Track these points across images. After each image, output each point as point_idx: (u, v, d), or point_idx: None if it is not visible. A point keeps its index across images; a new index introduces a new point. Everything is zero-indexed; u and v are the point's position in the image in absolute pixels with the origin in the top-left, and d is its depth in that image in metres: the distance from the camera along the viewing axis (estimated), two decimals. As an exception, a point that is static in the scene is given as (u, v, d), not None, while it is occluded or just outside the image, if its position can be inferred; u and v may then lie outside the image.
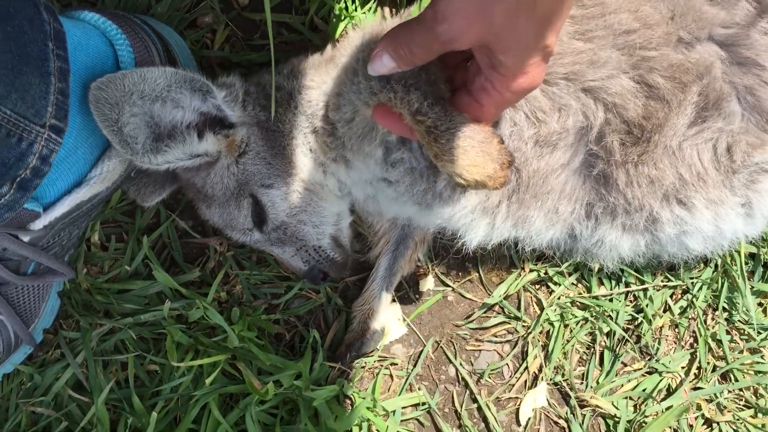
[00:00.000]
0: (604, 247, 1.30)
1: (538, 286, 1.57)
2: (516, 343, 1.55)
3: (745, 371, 1.53)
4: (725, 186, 1.21)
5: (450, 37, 0.87)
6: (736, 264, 1.53)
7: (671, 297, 1.57)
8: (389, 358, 1.53)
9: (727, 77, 1.17)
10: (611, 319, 1.53)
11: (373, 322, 1.49)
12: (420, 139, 1.06)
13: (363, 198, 1.36)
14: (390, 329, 1.52)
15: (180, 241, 1.53)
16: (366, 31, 1.25)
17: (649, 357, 1.54)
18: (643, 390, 1.51)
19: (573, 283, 1.57)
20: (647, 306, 1.54)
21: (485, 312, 1.56)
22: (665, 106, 1.15)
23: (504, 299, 1.55)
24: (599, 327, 1.53)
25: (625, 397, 1.50)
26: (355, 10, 1.53)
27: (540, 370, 1.52)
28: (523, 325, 1.55)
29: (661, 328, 1.56)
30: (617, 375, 1.53)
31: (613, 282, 1.57)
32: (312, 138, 1.27)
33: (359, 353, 1.49)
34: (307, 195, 1.30)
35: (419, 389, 1.51)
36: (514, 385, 1.52)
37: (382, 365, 1.52)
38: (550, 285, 1.57)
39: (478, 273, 1.58)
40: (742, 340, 1.56)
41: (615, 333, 1.52)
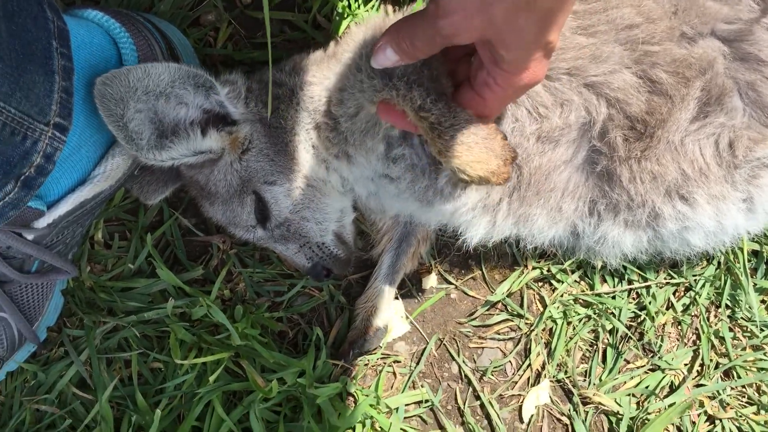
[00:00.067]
0: (606, 244, 1.30)
1: (540, 283, 1.57)
2: (519, 341, 1.55)
3: (748, 368, 1.53)
4: (727, 181, 1.21)
5: (451, 32, 0.87)
6: (738, 261, 1.53)
7: (674, 294, 1.57)
8: (392, 355, 1.53)
9: (730, 73, 1.17)
10: (614, 317, 1.53)
11: (376, 319, 1.49)
12: (424, 135, 1.06)
13: (365, 195, 1.36)
14: (393, 327, 1.52)
15: (183, 239, 1.53)
16: (369, 27, 1.25)
17: (652, 354, 1.54)
18: (646, 387, 1.51)
19: (576, 281, 1.57)
20: (650, 303, 1.54)
21: (488, 309, 1.56)
22: (668, 101, 1.15)
23: (507, 297, 1.55)
24: (602, 324, 1.53)
25: (628, 394, 1.50)
26: (358, 7, 1.53)
27: (543, 367, 1.52)
28: (526, 323, 1.55)
29: (664, 325, 1.56)
30: (620, 372, 1.53)
31: (616, 279, 1.57)
32: (314, 134, 1.27)
33: (362, 351, 1.49)
34: (310, 191, 1.30)
35: (422, 386, 1.51)
36: (517, 383, 1.52)
37: (385, 363, 1.52)
38: (552, 282, 1.57)
39: (480, 271, 1.58)
40: (744, 337, 1.56)
41: (618, 330, 1.52)
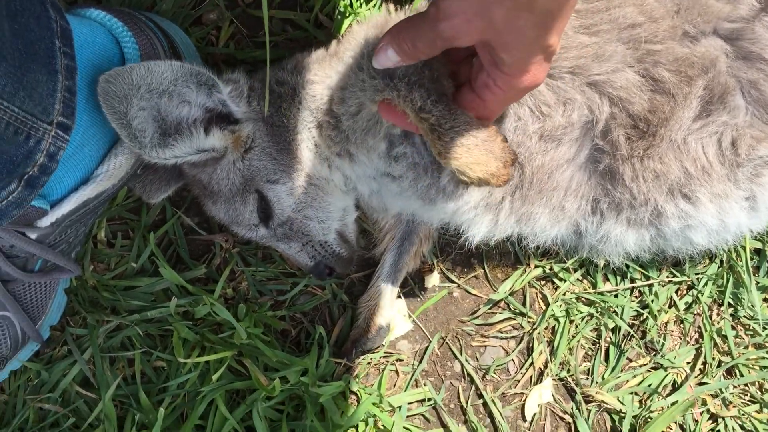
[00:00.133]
0: (609, 243, 1.30)
1: (543, 282, 1.58)
2: (521, 339, 1.55)
3: (751, 366, 1.53)
4: (729, 180, 1.21)
5: (452, 35, 0.87)
6: (741, 259, 1.53)
7: (676, 293, 1.57)
8: (395, 354, 1.53)
9: (732, 71, 1.17)
10: (616, 315, 1.53)
11: (379, 318, 1.49)
12: (424, 137, 1.06)
13: (368, 193, 1.36)
14: (395, 325, 1.52)
15: (186, 238, 1.53)
16: (370, 26, 1.26)
17: (655, 352, 1.54)
18: (649, 385, 1.51)
19: (578, 279, 1.57)
20: (652, 302, 1.54)
21: (490, 308, 1.56)
22: (671, 99, 1.15)
23: (509, 295, 1.55)
24: (604, 323, 1.53)
25: (631, 393, 1.50)
26: (360, 6, 1.53)
27: (545, 365, 1.52)
28: (529, 321, 1.55)
29: (667, 323, 1.56)
30: (622, 370, 1.53)
31: (619, 278, 1.57)
32: (316, 133, 1.27)
33: (365, 349, 1.49)
34: (313, 190, 1.30)
35: (425, 385, 1.51)
36: (519, 381, 1.52)
37: (387, 361, 1.52)
38: (555, 281, 1.57)
39: (483, 269, 1.58)
40: (747, 335, 1.56)
41: (620, 328, 1.52)
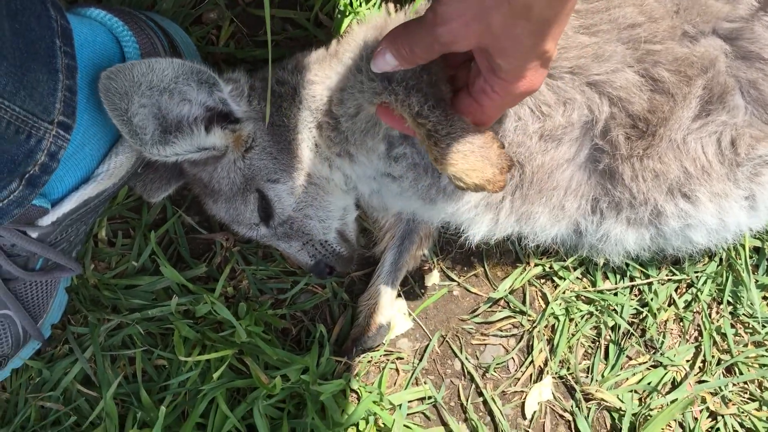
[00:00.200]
0: (609, 242, 1.30)
1: (543, 280, 1.58)
2: (521, 337, 1.55)
3: (750, 364, 1.54)
4: (729, 179, 1.21)
5: (449, 40, 0.88)
6: (740, 258, 1.54)
7: (676, 291, 1.57)
8: (395, 352, 1.53)
9: (731, 71, 1.17)
10: (616, 313, 1.54)
11: (379, 316, 1.49)
12: (420, 142, 1.07)
13: (368, 193, 1.36)
14: (396, 324, 1.53)
15: (186, 237, 1.53)
16: (370, 27, 1.26)
17: (654, 350, 1.54)
18: (648, 383, 1.51)
19: (578, 278, 1.57)
20: (652, 300, 1.54)
21: (490, 306, 1.56)
22: (670, 99, 1.15)
23: (509, 293, 1.56)
24: (604, 321, 1.53)
25: (630, 391, 1.51)
26: (360, 5, 1.53)
27: (545, 363, 1.53)
28: (529, 320, 1.55)
29: (666, 321, 1.56)
30: (622, 368, 1.53)
31: (618, 276, 1.57)
32: (316, 133, 1.27)
33: (365, 348, 1.50)
34: (313, 189, 1.31)
35: (425, 383, 1.51)
36: (519, 379, 1.53)
37: (388, 359, 1.53)
38: (555, 279, 1.57)
39: (483, 268, 1.58)
40: (746, 333, 1.56)
41: (620, 327, 1.53)
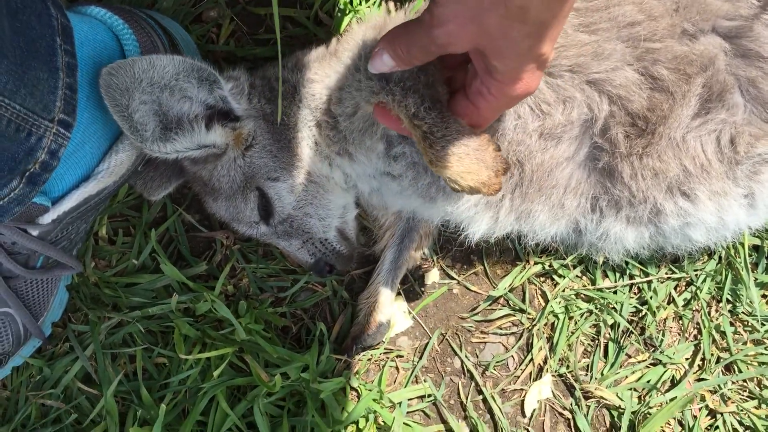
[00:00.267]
0: (608, 240, 1.31)
1: (542, 278, 1.58)
2: (521, 335, 1.55)
3: (749, 362, 1.54)
4: (728, 177, 1.21)
5: (446, 41, 0.88)
6: (739, 256, 1.54)
7: (675, 289, 1.57)
8: (395, 350, 1.54)
9: (731, 69, 1.17)
10: (615, 311, 1.54)
11: (379, 314, 1.50)
12: (416, 144, 1.07)
13: (368, 191, 1.37)
14: (396, 322, 1.53)
15: (187, 235, 1.54)
16: (369, 27, 1.26)
17: (653, 349, 1.55)
18: (648, 381, 1.52)
19: (577, 276, 1.57)
20: (651, 298, 1.54)
21: (490, 304, 1.57)
22: (670, 97, 1.15)
23: (509, 292, 1.56)
24: (604, 319, 1.54)
25: (630, 389, 1.51)
26: (360, 4, 1.53)
27: (545, 361, 1.53)
28: (528, 318, 1.55)
29: (665, 319, 1.56)
30: (621, 366, 1.53)
31: (618, 274, 1.58)
32: (316, 131, 1.27)
33: (365, 346, 1.50)
34: (313, 188, 1.31)
35: (425, 381, 1.52)
36: (519, 377, 1.53)
37: (388, 357, 1.53)
38: (554, 277, 1.57)
39: (483, 266, 1.58)
40: (745, 331, 1.56)
41: (619, 325, 1.53)
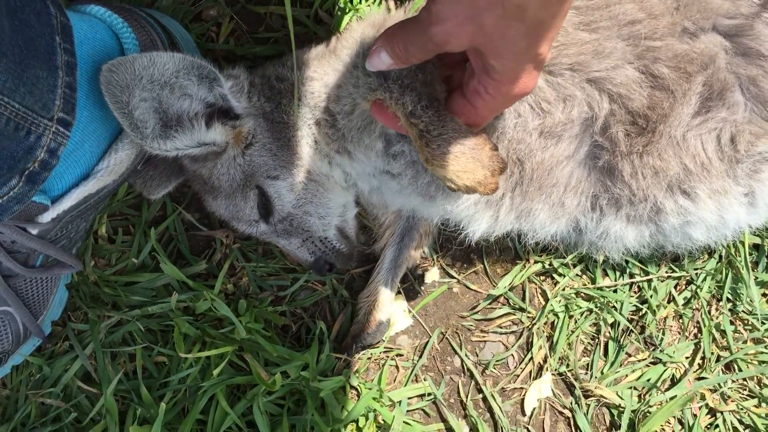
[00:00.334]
0: (609, 239, 1.31)
1: (542, 277, 1.58)
2: (521, 334, 1.55)
3: (749, 361, 1.54)
4: (729, 176, 1.21)
5: (443, 39, 0.88)
6: (740, 255, 1.54)
7: (675, 288, 1.57)
8: (395, 349, 1.54)
9: (731, 68, 1.17)
10: (615, 310, 1.54)
11: (379, 313, 1.49)
12: (413, 142, 1.07)
13: (368, 190, 1.36)
14: (395, 321, 1.53)
15: (186, 234, 1.53)
16: (368, 25, 1.26)
17: (654, 347, 1.55)
18: (648, 380, 1.52)
19: (577, 275, 1.57)
20: (651, 297, 1.54)
21: (490, 303, 1.57)
22: (670, 96, 1.15)
23: (509, 290, 1.56)
24: (604, 318, 1.54)
25: (630, 387, 1.51)
26: (360, 2, 1.53)
27: (545, 360, 1.53)
28: (528, 316, 1.55)
29: (665, 318, 1.56)
30: (621, 365, 1.53)
31: (618, 273, 1.58)
32: (315, 129, 1.27)
33: (365, 344, 1.50)
34: (313, 186, 1.31)
35: (425, 380, 1.52)
36: (519, 376, 1.53)
37: (387, 356, 1.53)
38: (554, 276, 1.57)
39: (483, 264, 1.58)
40: (746, 330, 1.56)
41: (619, 324, 1.53)
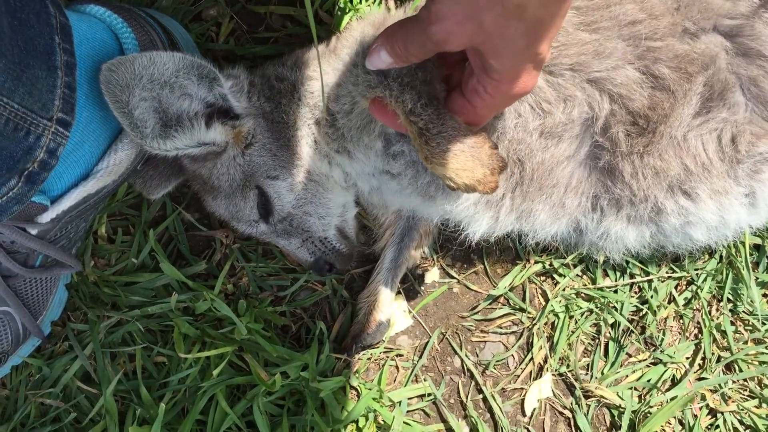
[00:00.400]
0: (609, 239, 1.30)
1: (543, 277, 1.58)
2: (521, 335, 1.55)
3: (750, 362, 1.54)
4: (729, 176, 1.21)
5: (442, 38, 0.88)
6: (740, 255, 1.54)
7: (676, 288, 1.57)
8: (395, 349, 1.53)
9: (732, 68, 1.17)
10: (616, 311, 1.54)
11: (379, 313, 1.49)
12: (412, 140, 1.06)
13: (367, 190, 1.36)
14: (395, 321, 1.53)
15: (186, 234, 1.53)
16: (368, 24, 1.26)
17: (654, 348, 1.54)
18: (648, 380, 1.51)
19: (578, 275, 1.57)
20: (652, 297, 1.54)
21: (490, 303, 1.56)
22: (670, 96, 1.15)
23: (509, 291, 1.56)
24: (604, 318, 1.53)
25: (630, 388, 1.51)
26: (360, 2, 1.53)
27: (545, 361, 1.53)
28: (528, 317, 1.55)
29: (666, 319, 1.56)
30: (622, 366, 1.53)
31: (618, 273, 1.57)
32: (315, 129, 1.27)
33: (365, 345, 1.50)
34: (313, 186, 1.31)
35: (425, 380, 1.52)
36: (519, 376, 1.53)
37: (387, 356, 1.53)
38: (555, 276, 1.57)
39: (483, 265, 1.58)
40: (746, 330, 1.56)
41: (620, 324, 1.53)
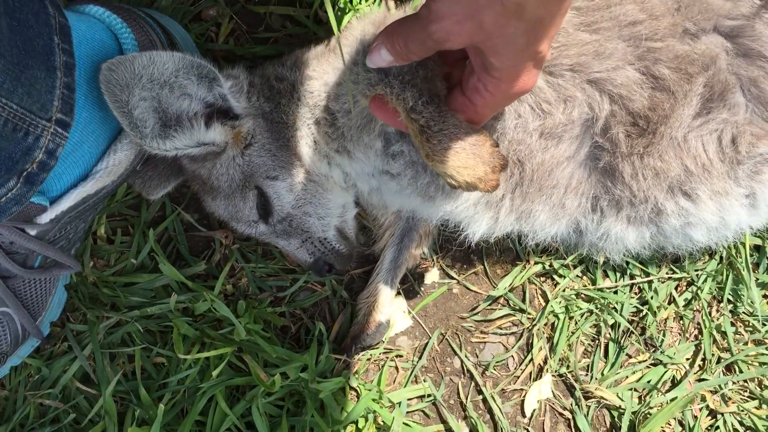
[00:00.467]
0: (609, 240, 1.30)
1: (543, 278, 1.58)
2: (521, 335, 1.55)
3: (750, 363, 1.53)
4: (729, 177, 1.21)
5: (442, 37, 0.87)
6: (741, 256, 1.53)
7: (676, 289, 1.57)
8: (394, 350, 1.53)
9: (732, 69, 1.17)
10: (616, 311, 1.53)
11: (379, 314, 1.49)
12: (413, 138, 1.06)
13: (367, 190, 1.36)
14: (395, 321, 1.53)
15: (186, 234, 1.53)
16: (368, 22, 1.26)
17: (654, 349, 1.54)
18: (648, 381, 1.51)
19: (578, 276, 1.57)
20: (652, 298, 1.54)
21: (490, 304, 1.56)
22: (671, 97, 1.15)
23: (509, 291, 1.55)
24: (604, 319, 1.53)
25: (630, 389, 1.51)
26: (359, 2, 1.53)
27: (545, 361, 1.53)
28: (528, 318, 1.55)
29: (666, 320, 1.56)
30: (622, 367, 1.53)
31: (618, 274, 1.57)
32: (315, 129, 1.27)
33: (364, 345, 1.49)
34: (312, 187, 1.31)
35: (424, 381, 1.51)
36: (519, 377, 1.53)
37: (387, 357, 1.52)
38: (555, 277, 1.57)
39: (483, 265, 1.58)
40: (746, 331, 1.56)
41: (620, 325, 1.53)
